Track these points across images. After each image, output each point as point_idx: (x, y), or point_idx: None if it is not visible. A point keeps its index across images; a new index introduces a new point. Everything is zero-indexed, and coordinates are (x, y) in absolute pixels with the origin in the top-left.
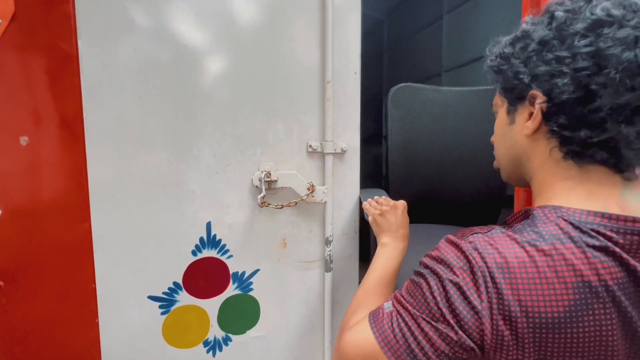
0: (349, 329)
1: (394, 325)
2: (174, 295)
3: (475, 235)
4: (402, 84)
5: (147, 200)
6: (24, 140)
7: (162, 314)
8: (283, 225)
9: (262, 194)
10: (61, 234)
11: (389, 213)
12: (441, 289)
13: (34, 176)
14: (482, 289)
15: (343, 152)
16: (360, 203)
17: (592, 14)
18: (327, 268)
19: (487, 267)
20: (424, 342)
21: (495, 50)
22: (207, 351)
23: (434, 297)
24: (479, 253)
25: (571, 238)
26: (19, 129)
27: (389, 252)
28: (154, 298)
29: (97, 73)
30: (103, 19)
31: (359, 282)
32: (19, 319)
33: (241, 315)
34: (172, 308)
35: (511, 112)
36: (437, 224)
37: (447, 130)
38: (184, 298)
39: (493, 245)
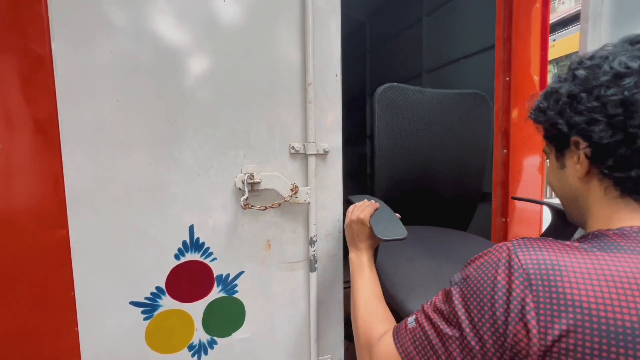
0: (377, 343)
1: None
2: (157, 300)
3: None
4: (388, 84)
5: (127, 204)
6: None
7: (145, 319)
8: (267, 227)
9: (245, 196)
10: (37, 240)
11: (354, 223)
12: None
13: (6, 182)
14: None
15: (325, 153)
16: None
17: (611, 67)
18: (312, 268)
19: None
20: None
21: (532, 104)
22: (192, 355)
23: None
24: None
25: None
26: None
27: (362, 264)
28: (136, 304)
29: (72, 75)
30: (78, 20)
31: (344, 282)
32: None
33: (226, 317)
34: (155, 313)
35: (559, 157)
36: (422, 223)
37: (431, 131)
38: (167, 302)
39: None
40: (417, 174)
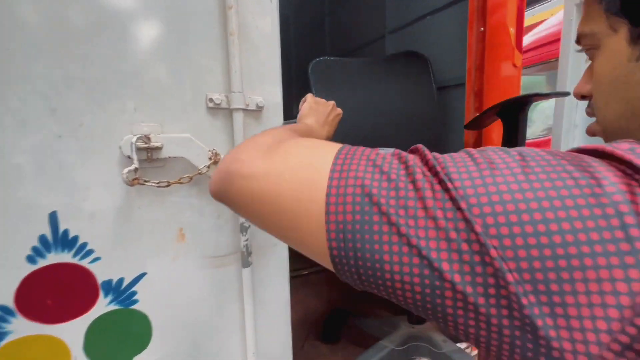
0: (297, 138)
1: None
2: (2, 324)
3: None
4: (319, 58)
5: None
6: None
7: None
8: (178, 211)
9: (131, 167)
10: None
11: (326, 106)
12: None
13: None
14: None
15: (259, 109)
16: None
17: None
18: (245, 263)
19: None
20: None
21: None
22: None
23: None
24: None
25: None
26: None
27: (310, 130)
28: None
29: None
30: None
31: (290, 278)
32: None
33: (122, 337)
34: (1, 343)
35: (638, 41)
36: None
37: (372, 95)
38: (21, 327)
39: None
40: (366, 132)
